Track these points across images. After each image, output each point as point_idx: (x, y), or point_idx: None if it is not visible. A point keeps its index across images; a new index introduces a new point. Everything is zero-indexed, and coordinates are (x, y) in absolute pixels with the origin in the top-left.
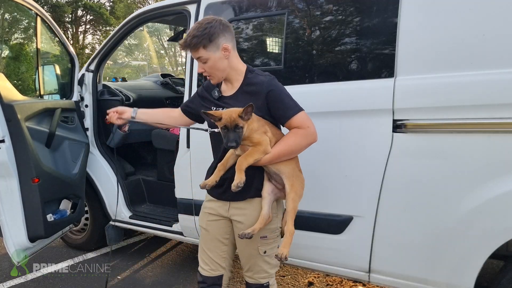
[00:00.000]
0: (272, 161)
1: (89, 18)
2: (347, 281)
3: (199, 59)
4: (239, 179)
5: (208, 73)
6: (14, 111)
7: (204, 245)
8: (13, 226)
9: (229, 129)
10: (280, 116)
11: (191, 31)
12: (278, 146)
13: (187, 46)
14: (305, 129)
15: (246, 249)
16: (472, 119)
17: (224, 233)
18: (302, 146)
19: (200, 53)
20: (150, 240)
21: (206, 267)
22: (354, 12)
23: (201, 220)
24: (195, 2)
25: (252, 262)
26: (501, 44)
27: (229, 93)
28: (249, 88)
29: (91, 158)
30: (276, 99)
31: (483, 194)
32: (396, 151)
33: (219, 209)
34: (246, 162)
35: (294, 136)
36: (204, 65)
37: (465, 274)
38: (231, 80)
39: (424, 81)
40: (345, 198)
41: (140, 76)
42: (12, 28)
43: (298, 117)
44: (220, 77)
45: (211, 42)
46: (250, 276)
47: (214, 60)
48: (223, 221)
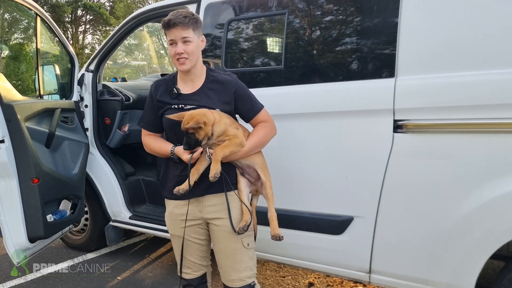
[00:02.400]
0: (248, 153)
1: (89, 18)
2: (348, 281)
3: (184, 38)
4: (215, 169)
5: (186, 56)
6: (14, 111)
7: (183, 252)
8: (13, 226)
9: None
10: (248, 111)
11: (179, 13)
12: (252, 139)
13: (179, 23)
14: (271, 123)
15: (231, 245)
16: (473, 119)
17: (200, 235)
18: (270, 138)
19: (189, 33)
20: (150, 241)
21: (189, 270)
22: (355, 12)
23: (172, 228)
24: (195, 2)
25: (237, 259)
26: (502, 44)
27: (190, 91)
28: (213, 86)
29: (91, 158)
30: (244, 96)
31: (483, 194)
32: (396, 151)
33: (192, 212)
34: (222, 152)
35: (264, 129)
36: (186, 46)
37: (466, 275)
38: (194, 76)
39: (424, 81)
40: (345, 199)
41: (140, 76)
42: (12, 28)
43: (263, 112)
44: (192, 65)
45: (198, 28)
46: (236, 278)
47: (196, 45)
48: (198, 224)
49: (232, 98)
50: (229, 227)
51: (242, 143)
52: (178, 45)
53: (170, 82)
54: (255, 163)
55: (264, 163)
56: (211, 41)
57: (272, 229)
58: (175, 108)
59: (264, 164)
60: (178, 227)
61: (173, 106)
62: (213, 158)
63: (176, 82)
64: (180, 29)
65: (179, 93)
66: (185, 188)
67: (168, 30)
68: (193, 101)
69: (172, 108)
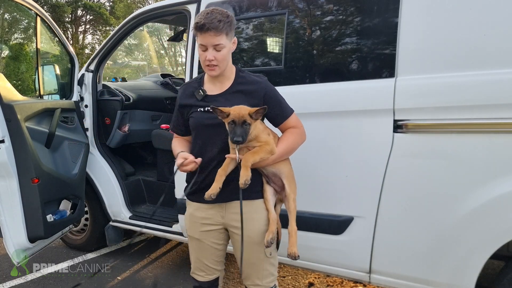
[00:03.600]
0: (275, 160)
1: (89, 18)
2: (348, 281)
3: (217, 45)
4: (246, 176)
5: (217, 62)
6: (14, 111)
7: (198, 255)
8: (13, 226)
9: (236, 124)
10: (277, 115)
11: (214, 15)
12: (280, 145)
13: (212, 28)
14: (300, 129)
15: (254, 255)
16: (473, 119)
17: (218, 239)
18: (298, 144)
19: (221, 39)
20: (150, 241)
21: (202, 273)
22: (355, 12)
23: (191, 230)
24: (195, 2)
25: (260, 268)
26: (502, 44)
27: (217, 92)
28: (242, 87)
29: (91, 158)
30: (273, 99)
31: (483, 194)
32: (396, 151)
33: (214, 217)
34: (253, 158)
35: (293, 136)
36: (217, 53)
37: (466, 275)
38: (223, 77)
39: (425, 81)
40: (345, 199)
41: (140, 76)
42: (12, 28)
43: (293, 117)
44: (222, 70)
45: (231, 31)
46: (258, 284)
47: (228, 50)
48: (218, 229)
49: (261, 101)
50: (252, 237)
51: (272, 150)
52: (209, 51)
53: (196, 84)
54: (281, 171)
55: (290, 173)
56: None
57: (289, 246)
58: (201, 111)
59: (290, 173)
60: (198, 230)
61: (199, 109)
62: (243, 164)
63: (202, 83)
64: (212, 34)
65: (206, 94)
66: (215, 192)
67: (199, 33)
68: (220, 103)
69: (198, 111)
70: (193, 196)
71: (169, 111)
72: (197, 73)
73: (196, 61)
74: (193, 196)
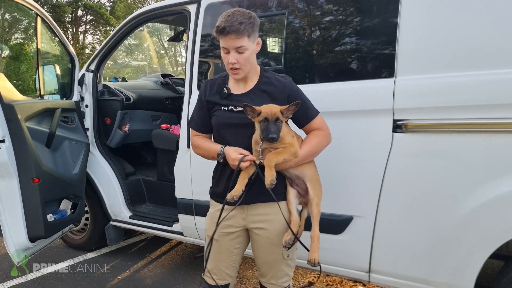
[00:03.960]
0: (298, 162)
1: (89, 18)
2: (347, 281)
3: (239, 48)
4: (271, 176)
5: (240, 65)
6: (14, 111)
7: (214, 256)
8: (13, 226)
9: (269, 122)
10: (302, 117)
11: (235, 17)
12: (304, 147)
13: (234, 31)
14: (325, 130)
15: (271, 256)
16: (472, 119)
17: (236, 243)
18: (323, 147)
19: (243, 41)
20: (150, 240)
21: (214, 276)
22: (354, 12)
23: (211, 230)
24: (195, 2)
25: (276, 268)
26: (501, 44)
27: (241, 91)
28: (267, 87)
29: (91, 158)
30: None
31: (483, 194)
32: (396, 151)
33: (235, 218)
34: (276, 159)
35: (317, 138)
36: (239, 55)
37: (465, 274)
38: (247, 78)
39: (424, 81)
40: (345, 198)
41: (140, 76)
42: (12, 28)
43: (318, 119)
44: (246, 72)
45: (253, 33)
46: (273, 283)
47: (251, 52)
48: (237, 231)
49: (285, 102)
50: (271, 238)
51: (296, 153)
52: (231, 54)
53: (220, 81)
54: (305, 174)
55: (314, 176)
56: (211, 41)
57: (311, 252)
58: (225, 110)
59: (314, 176)
60: (218, 231)
61: (223, 108)
62: (266, 164)
63: (227, 82)
64: (234, 37)
65: (230, 93)
66: (238, 194)
67: (221, 36)
68: (239, 102)
69: (222, 110)
70: (216, 197)
71: (169, 111)
72: (197, 73)
73: (196, 61)
74: (216, 196)
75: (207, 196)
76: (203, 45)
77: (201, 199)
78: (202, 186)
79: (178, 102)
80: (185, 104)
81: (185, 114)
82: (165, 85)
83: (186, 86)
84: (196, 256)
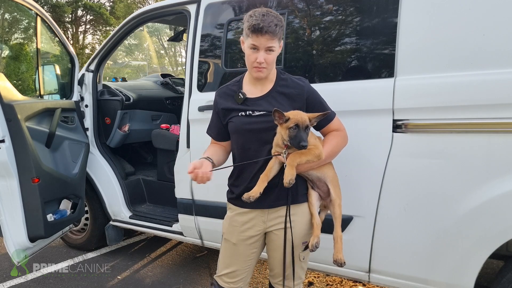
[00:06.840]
0: (320, 163)
1: (89, 18)
2: (347, 281)
3: (270, 48)
4: (291, 175)
5: (266, 65)
6: (14, 111)
7: (229, 259)
8: (13, 226)
9: (300, 129)
10: (321, 120)
11: (270, 18)
12: (325, 149)
13: (271, 32)
14: (343, 131)
15: (287, 257)
16: (472, 119)
17: (253, 247)
18: (342, 148)
19: (274, 42)
20: (150, 240)
21: (227, 279)
22: (354, 12)
23: (229, 234)
24: (195, 2)
25: (290, 270)
26: (501, 44)
27: (258, 95)
28: (285, 90)
29: (91, 158)
30: (316, 102)
31: (483, 194)
32: (396, 151)
33: (255, 221)
34: (299, 159)
35: (336, 138)
36: (268, 55)
37: (465, 274)
38: (265, 80)
39: (424, 81)
40: (345, 198)
41: (140, 76)
42: (12, 28)
43: (336, 120)
44: (269, 72)
45: (282, 36)
46: (286, 285)
47: (277, 53)
48: (256, 236)
49: (303, 105)
50: (289, 240)
51: (320, 155)
52: (260, 53)
53: (235, 87)
54: (326, 176)
55: (335, 178)
56: (211, 41)
57: (335, 252)
58: (243, 115)
59: (335, 178)
60: (236, 235)
61: (240, 114)
62: (288, 163)
63: (241, 86)
64: (268, 38)
65: (246, 97)
66: (255, 195)
67: (254, 34)
68: (261, 106)
69: (239, 116)
70: (235, 200)
71: (169, 111)
72: (197, 73)
73: (196, 61)
74: (235, 200)
75: (207, 196)
76: (203, 45)
77: (201, 199)
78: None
79: (178, 102)
80: (185, 104)
81: (185, 114)
82: (165, 85)
83: (186, 86)
84: (196, 256)
